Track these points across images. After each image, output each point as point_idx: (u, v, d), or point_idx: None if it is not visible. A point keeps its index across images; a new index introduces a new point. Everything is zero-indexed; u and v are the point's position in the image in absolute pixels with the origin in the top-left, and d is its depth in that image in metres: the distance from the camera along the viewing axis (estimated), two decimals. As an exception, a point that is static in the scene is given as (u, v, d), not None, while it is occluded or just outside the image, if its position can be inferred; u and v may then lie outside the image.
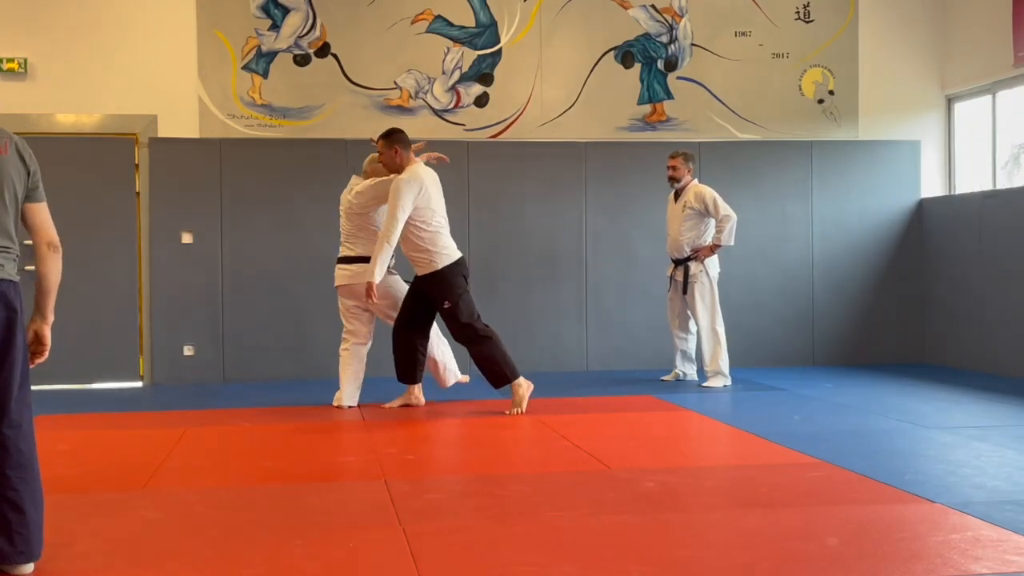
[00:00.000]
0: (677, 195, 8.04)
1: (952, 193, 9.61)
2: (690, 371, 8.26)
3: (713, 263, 7.94)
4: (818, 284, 9.42)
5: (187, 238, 8.64)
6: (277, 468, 5.21)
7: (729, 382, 7.88)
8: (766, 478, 4.69)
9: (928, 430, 5.92)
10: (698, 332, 8.01)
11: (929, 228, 9.45)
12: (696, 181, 8.03)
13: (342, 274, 6.98)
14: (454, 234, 8.92)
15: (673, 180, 8.01)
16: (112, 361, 8.62)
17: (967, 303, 8.91)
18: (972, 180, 9.47)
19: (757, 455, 5.31)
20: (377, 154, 6.85)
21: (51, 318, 3.53)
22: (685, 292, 7.91)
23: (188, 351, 8.61)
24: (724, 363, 7.88)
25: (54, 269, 3.53)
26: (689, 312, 8.01)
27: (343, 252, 7.00)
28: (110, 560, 3.55)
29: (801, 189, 9.42)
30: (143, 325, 8.66)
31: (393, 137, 6.65)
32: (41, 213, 3.56)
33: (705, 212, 7.84)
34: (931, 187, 9.63)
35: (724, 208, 7.77)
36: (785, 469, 4.90)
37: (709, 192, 7.87)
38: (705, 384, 7.87)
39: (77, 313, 8.51)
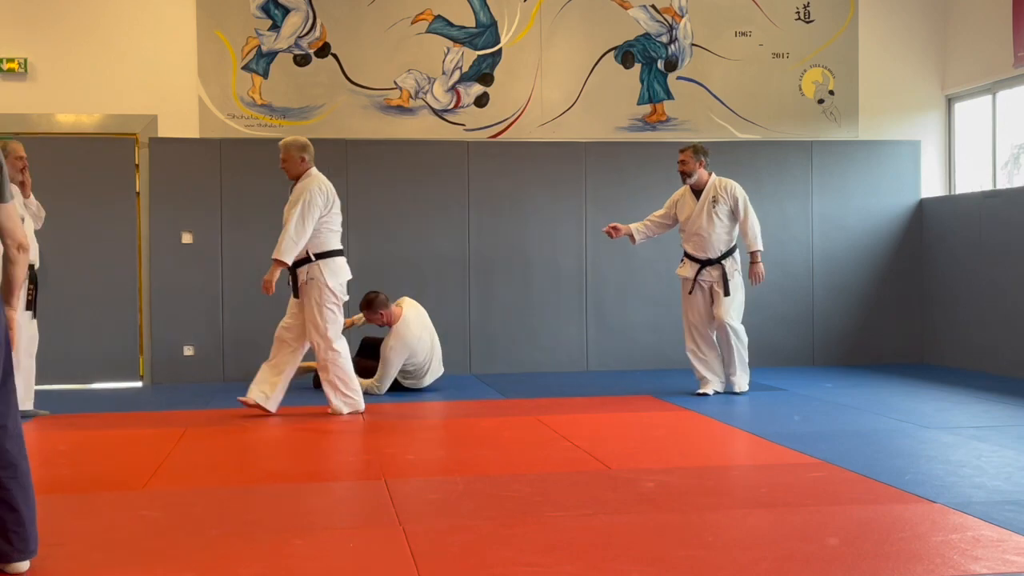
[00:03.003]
0: (696, 192, 7.49)
1: (952, 193, 9.61)
2: (723, 376, 7.58)
3: (740, 260, 7.52)
4: (818, 284, 9.43)
5: (187, 238, 8.64)
6: (277, 468, 5.21)
7: (749, 375, 7.60)
8: (766, 478, 4.69)
9: (928, 430, 5.92)
10: (725, 333, 7.39)
11: (929, 228, 9.45)
12: (714, 175, 7.51)
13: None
14: (455, 233, 8.98)
15: (684, 175, 7.48)
16: (112, 361, 8.62)
17: (967, 303, 8.91)
18: (972, 180, 9.47)
19: (757, 455, 5.32)
20: None
21: (18, 307, 3.54)
22: (727, 294, 7.35)
23: (188, 351, 8.61)
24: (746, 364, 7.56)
25: (23, 268, 3.51)
26: (716, 312, 7.38)
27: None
28: (109, 560, 3.55)
29: (801, 189, 9.42)
30: (143, 325, 8.66)
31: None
32: (11, 215, 3.49)
33: (735, 208, 7.39)
34: (931, 187, 9.63)
35: (752, 212, 7.43)
36: (785, 469, 4.90)
37: (742, 192, 7.45)
38: (736, 389, 7.43)
39: (77, 313, 8.52)
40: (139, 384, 8.62)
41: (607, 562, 3.43)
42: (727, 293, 7.37)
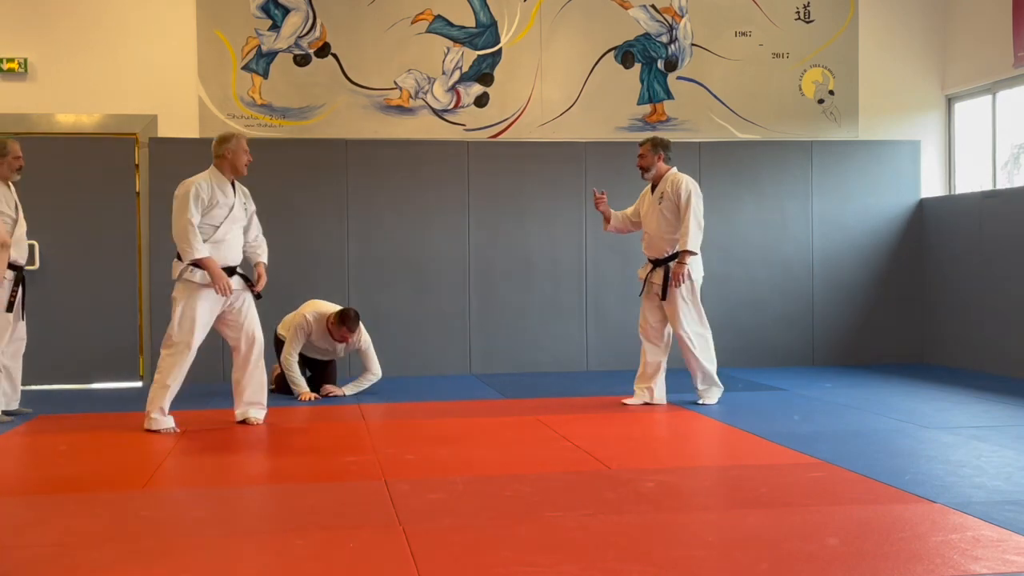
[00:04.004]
0: (654, 187, 7.02)
1: (952, 193, 9.61)
2: (660, 393, 7.03)
3: (696, 265, 6.89)
4: (818, 284, 9.42)
5: (187, 238, 8.62)
6: (277, 468, 5.21)
7: (722, 390, 7.10)
8: (766, 478, 4.69)
9: (928, 430, 5.92)
10: (682, 344, 6.89)
11: (929, 228, 9.45)
12: (675, 170, 6.97)
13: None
14: (455, 233, 8.98)
15: (642, 170, 6.99)
16: (112, 361, 8.62)
17: (967, 303, 8.91)
18: (972, 180, 9.47)
19: (757, 455, 5.31)
20: None
21: None
22: (664, 297, 6.85)
23: (188, 351, 8.59)
24: (714, 370, 7.00)
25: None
26: (670, 323, 6.96)
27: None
28: (109, 560, 3.55)
29: (801, 189, 9.42)
30: (143, 325, 8.66)
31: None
32: None
33: (680, 205, 6.79)
34: (931, 187, 9.63)
35: (695, 213, 6.75)
36: (785, 469, 4.90)
37: (687, 186, 6.80)
38: (701, 402, 6.97)
39: (77, 313, 8.52)
40: (139, 384, 8.62)
41: (607, 562, 3.43)
42: (663, 297, 6.83)
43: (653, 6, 9.27)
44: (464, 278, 8.97)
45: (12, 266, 6.57)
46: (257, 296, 6.51)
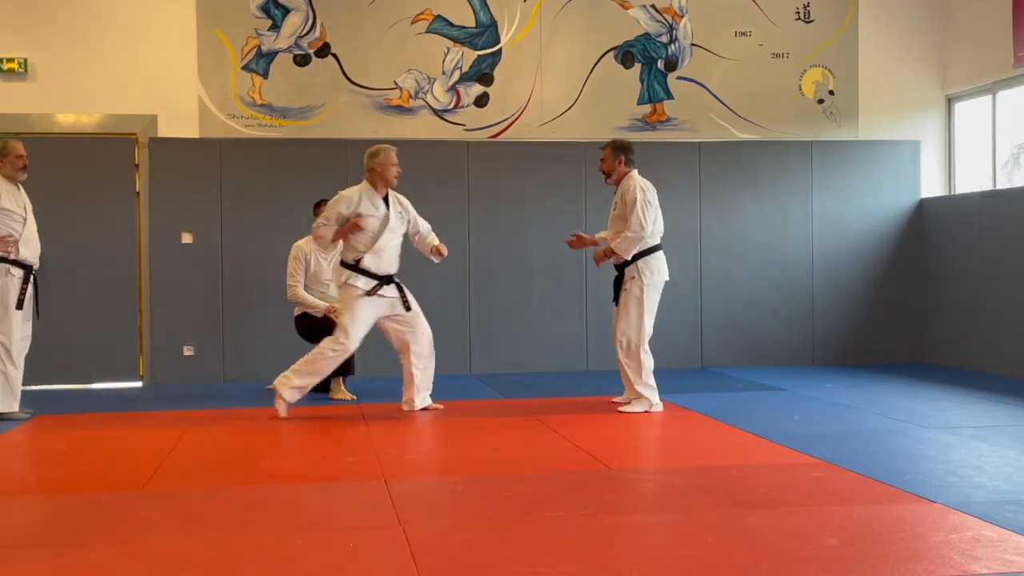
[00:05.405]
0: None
1: (952, 193, 9.61)
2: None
3: (654, 268, 6.73)
4: (818, 284, 9.42)
5: (187, 238, 8.64)
6: (277, 468, 5.21)
7: (654, 407, 6.73)
8: (766, 478, 4.69)
9: (928, 430, 5.92)
10: (619, 347, 6.79)
11: (929, 228, 9.45)
12: (634, 173, 6.78)
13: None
14: (455, 234, 8.98)
15: (604, 175, 6.87)
16: (112, 361, 8.62)
17: (967, 303, 8.91)
18: (972, 180, 9.47)
19: (757, 455, 5.31)
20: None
21: None
22: (615, 301, 6.82)
23: (188, 351, 8.61)
24: (647, 386, 6.75)
25: None
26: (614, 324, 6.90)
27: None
28: (109, 559, 3.55)
29: (801, 189, 9.42)
30: (143, 325, 8.66)
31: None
32: None
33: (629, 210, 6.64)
34: (931, 187, 9.63)
35: (638, 220, 6.57)
36: (785, 469, 4.90)
37: (633, 192, 6.63)
38: (624, 409, 6.73)
39: (77, 313, 8.52)
40: (139, 384, 8.62)
41: (607, 562, 3.43)
42: (615, 301, 6.80)
43: (653, 6, 9.27)
44: (464, 278, 8.97)
45: (21, 264, 6.61)
46: (407, 308, 6.80)
